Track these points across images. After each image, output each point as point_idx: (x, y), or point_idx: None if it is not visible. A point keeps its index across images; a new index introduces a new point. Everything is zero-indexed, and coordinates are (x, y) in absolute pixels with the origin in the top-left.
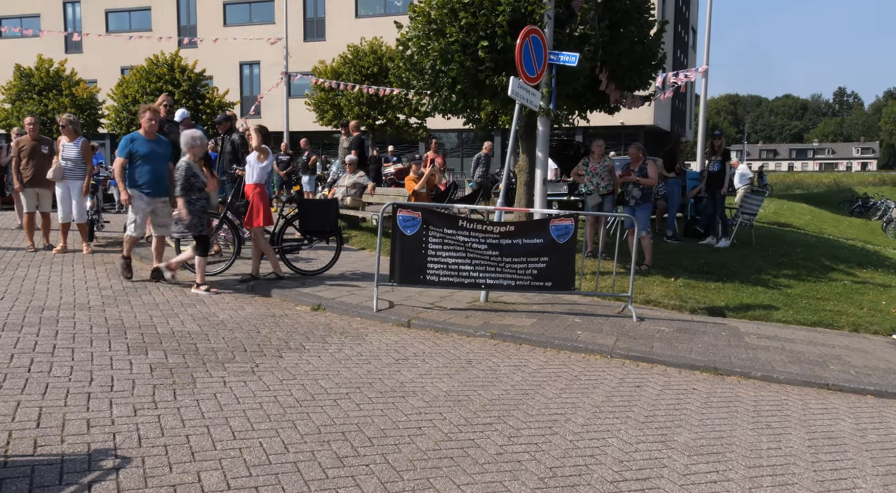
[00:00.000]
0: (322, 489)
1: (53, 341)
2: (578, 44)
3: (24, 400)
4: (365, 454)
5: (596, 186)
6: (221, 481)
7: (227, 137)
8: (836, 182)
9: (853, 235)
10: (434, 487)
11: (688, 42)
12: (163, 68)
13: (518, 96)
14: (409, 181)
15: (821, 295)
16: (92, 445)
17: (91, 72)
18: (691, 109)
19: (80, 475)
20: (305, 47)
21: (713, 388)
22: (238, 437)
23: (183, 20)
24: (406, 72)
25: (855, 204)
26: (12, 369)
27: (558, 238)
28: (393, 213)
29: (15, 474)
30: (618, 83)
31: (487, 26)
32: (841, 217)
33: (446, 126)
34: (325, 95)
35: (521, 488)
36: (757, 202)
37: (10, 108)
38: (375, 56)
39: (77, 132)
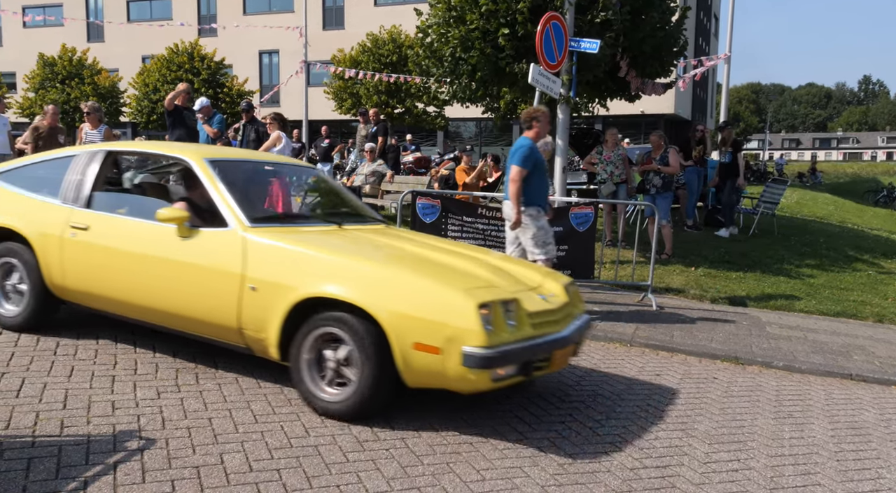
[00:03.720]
0: (342, 472)
1: (78, 325)
2: (600, 30)
3: (51, 382)
4: (385, 439)
5: (610, 175)
6: (244, 463)
7: (251, 125)
8: (858, 172)
9: (878, 226)
10: (454, 471)
11: (710, 29)
12: (183, 57)
13: (538, 84)
14: (460, 172)
15: (844, 285)
16: (117, 426)
17: (113, 61)
18: (713, 97)
19: (105, 456)
20: (324, 36)
21: (734, 377)
22: (259, 420)
23: (203, 9)
24: (426, 59)
25: (880, 194)
26: (38, 352)
27: (577, 226)
28: (412, 200)
29: (43, 453)
30: (639, 70)
31: (508, 13)
32: (865, 207)
33: (465, 115)
34: (343, 84)
35: (540, 473)
36: (779, 192)
37: (34, 96)
38: (395, 44)
39: (101, 120)
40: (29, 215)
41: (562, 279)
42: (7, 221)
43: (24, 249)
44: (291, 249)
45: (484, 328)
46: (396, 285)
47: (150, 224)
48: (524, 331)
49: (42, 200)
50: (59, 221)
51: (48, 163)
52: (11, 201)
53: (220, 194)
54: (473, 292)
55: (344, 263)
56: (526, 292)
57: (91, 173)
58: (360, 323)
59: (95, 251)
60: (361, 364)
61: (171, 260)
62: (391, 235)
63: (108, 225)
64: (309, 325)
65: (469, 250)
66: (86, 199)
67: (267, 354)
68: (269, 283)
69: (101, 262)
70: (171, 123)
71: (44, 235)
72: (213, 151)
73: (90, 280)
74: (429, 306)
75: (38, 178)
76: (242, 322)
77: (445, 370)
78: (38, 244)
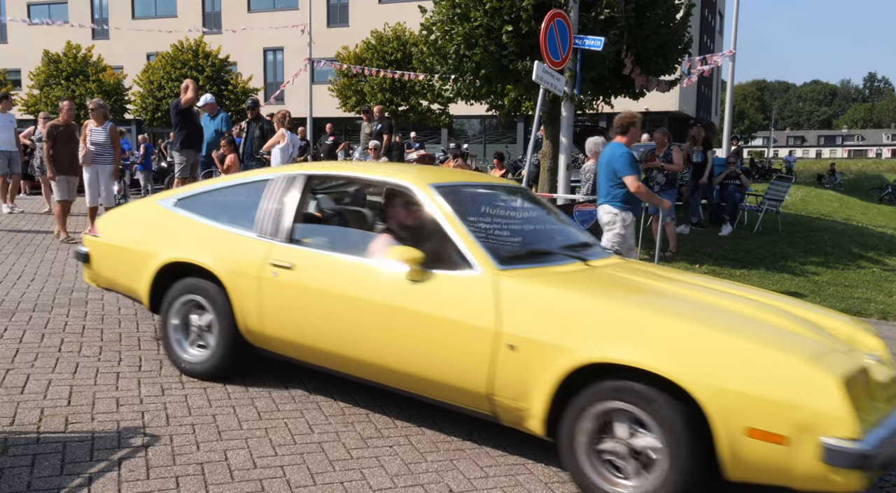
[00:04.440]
0: (346, 469)
1: (83, 322)
2: (604, 28)
3: (56, 379)
4: (389, 436)
5: None
6: (248, 459)
7: (255, 122)
8: (863, 170)
9: (882, 223)
10: (457, 468)
11: (714, 27)
12: (187, 54)
13: (542, 81)
14: None
15: (849, 283)
16: (121, 423)
17: (117, 58)
18: (717, 94)
19: (110, 452)
20: (329, 33)
21: None
22: (263, 417)
23: (208, 7)
24: (430, 57)
25: (885, 191)
26: (43, 349)
27: (581, 224)
28: None
29: (47, 450)
30: (643, 68)
31: (512, 10)
32: (870, 205)
33: (469, 112)
34: (348, 81)
35: (544, 470)
36: (783, 189)
37: (39, 93)
38: (399, 42)
39: (106, 116)
40: (219, 250)
41: (867, 328)
42: (194, 256)
43: (215, 288)
44: (559, 298)
45: (854, 413)
46: (716, 350)
47: (371, 264)
48: (883, 409)
49: (233, 233)
50: (256, 257)
51: (234, 188)
52: (196, 233)
53: (459, 231)
54: (825, 361)
55: (633, 318)
56: (859, 353)
57: (291, 201)
58: (668, 401)
59: (304, 295)
60: (670, 457)
61: (400, 308)
62: (647, 273)
63: (317, 264)
64: (587, 397)
65: (741, 291)
66: (287, 232)
67: (524, 426)
68: (534, 342)
69: (310, 307)
70: (180, 120)
71: (238, 274)
72: (436, 175)
73: (296, 328)
74: (768, 380)
75: (225, 205)
76: (495, 388)
77: (792, 466)
78: (232, 284)
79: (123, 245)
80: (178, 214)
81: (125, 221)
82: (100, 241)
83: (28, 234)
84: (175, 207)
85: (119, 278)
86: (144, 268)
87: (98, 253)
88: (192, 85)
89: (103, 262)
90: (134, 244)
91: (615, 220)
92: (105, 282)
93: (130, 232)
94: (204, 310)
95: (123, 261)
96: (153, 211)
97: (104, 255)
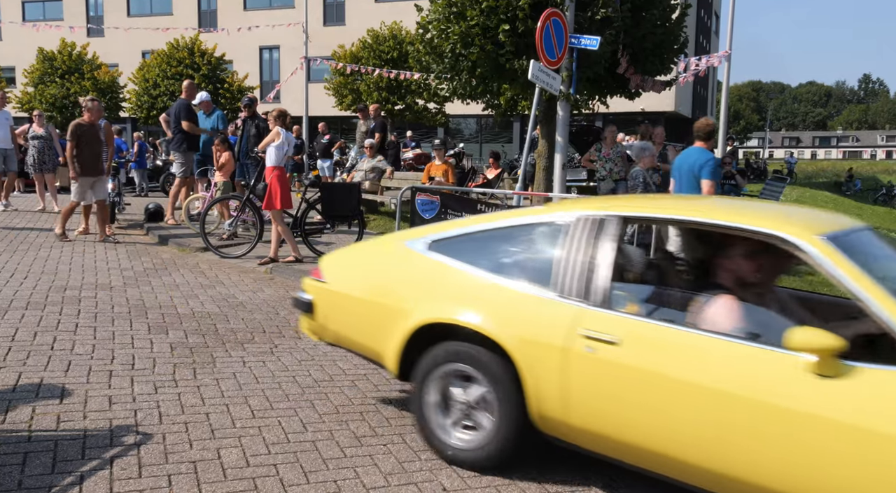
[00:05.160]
0: (340, 468)
1: (76, 320)
2: (600, 27)
3: (48, 377)
4: (382, 434)
5: (609, 172)
6: (241, 458)
7: (251, 120)
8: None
9: (877, 224)
10: (451, 467)
11: (710, 27)
12: (183, 52)
13: (538, 80)
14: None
15: None
16: (114, 421)
17: (113, 56)
18: (713, 95)
19: (102, 451)
20: (325, 32)
21: None
22: (257, 416)
23: (204, 5)
24: (426, 55)
25: (879, 192)
26: (35, 347)
27: None
28: (412, 197)
29: (39, 448)
30: (639, 67)
31: (508, 9)
32: (865, 205)
33: (465, 112)
34: (344, 80)
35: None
36: (778, 189)
37: (34, 91)
38: (395, 41)
39: (100, 115)
40: (500, 311)
41: None
42: (465, 316)
43: (493, 358)
44: None
45: None
46: None
47: (744, 346)
48: None
49: (519, 290)
50: (559, 325)
51: (510, 230)
52: (464, 286)
53: (890, 307)
54: None
55: None
56: None
57: (604, 252)
58: None
59: (639, 382)
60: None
61: (802, 414)
62: None
63: (659, 340)
64: None
65: None
66: (603, 293)
67: None
68: None
69: (650, 400)
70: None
71: (533, 345)
72: (824, 221)
73: (622, 423)
74: None
75: (498, 252)
76: None
77: None
78: (523, 356)
79: (362, 296)
80: (436, 259)
81: (362, 265)
82: (328, 288)
83: (22, 231)
84: (430, 251)
85: (355, 336)
86: (393, 327)
87: (326, 302)
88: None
89: (333, 314)
90: (378, 296)
91: None
92: (332, 337)
93: (371, 279)
94: (469, 380)
95: (362, 315)
96: (401, 254)
97: (335, 305)
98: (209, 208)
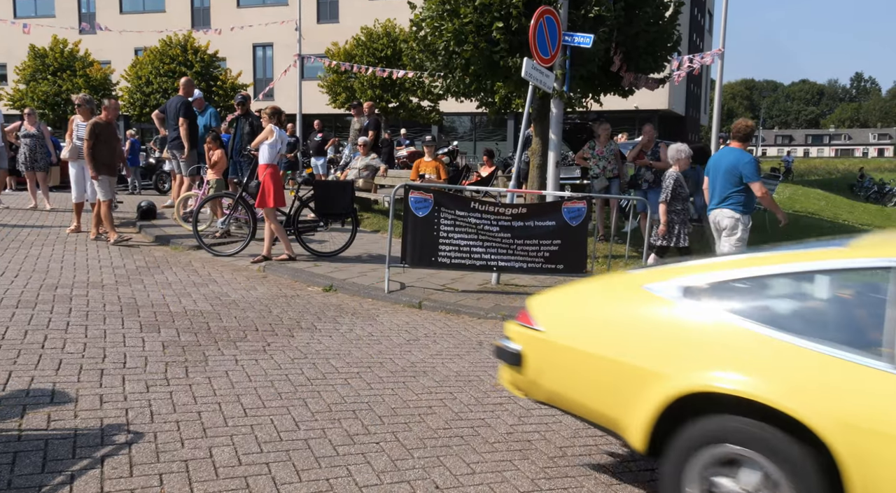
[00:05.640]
0: (332, 466)
1: (67, 319)
2: (593, 25)
3: (38, 376)
4: (375, 433)
5: (602, 170)
6: (233, 456)
7: (245, 118)
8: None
9: (868, 221)
10: (444, 465)
11: (704, 25)
12: (176, 50)
13: (531, 78)
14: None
15: None
16: (105, 420)
17: (105, 53)
18: (706, 93)
19: (93, 450)
20: (319, 29)
21: None
22: (249, 414)
23: (196, 2)
24: (419, 53)
25: (871, 190)
26: (26, 346)
27: (570, 221)
28: (405, 194)
29: (29, 447)
30: (632, 65)
31: (502, 7)
32: (856, 203)
33: (459, 109)
34: (338, 78)
35: (530, 467)
36: (771, 187)
37: (25, 88)
38: (389, 38)
39: (92, 112)
40: (805, 383)
41: None
42: (749, 387)
43: (791, 444)
44: None
45: None
46: None
47: None
48: None
49: (832, 356)
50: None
51: (804, 276)
52: (746, 347)
53: None
54: None
55: None
56: None
57: None
58: None
59: None
60: None
61: None
62: None
63: None
64: None
65: None
66: None
67: None
68: None
69: None
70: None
71: (864, 433)
72: None
73: None
74: None
75: (793, 303)
76: None
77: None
78: (848, 447)
79: (596, 351)
80: (700, 311)
81: (592, 312)
82: (546, 338)
83: (13, 229)
84: (687, 298)
85: (582, 398)
86: (642, 393)
87: (542, 356)
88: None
89: (551, 370)
90: (619, 353)
91: (737, 225)
92: (546, 396)
93: (608, 331)
94: (737, 465)
95: (595, 375)
96: (645, 302)
97: (554, 360)
98: (201, 206)
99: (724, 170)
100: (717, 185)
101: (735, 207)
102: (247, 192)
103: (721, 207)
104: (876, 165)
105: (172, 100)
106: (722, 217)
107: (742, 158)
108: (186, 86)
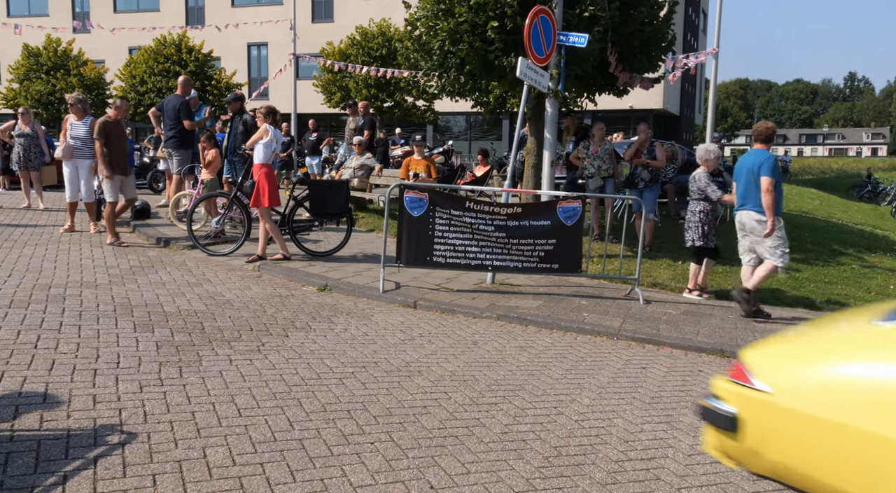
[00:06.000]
0: (327, 466)
1: (60, 319)
2: (588, 25)
3: (31, 376)
4: (370, 432)
5: (597, 170)
6: (227, 457)
7: (238, 117)
8: (843, 167)
9: (862, 220)
10: (439, 465)
11: (698, 25)
12: (170, 49)
13: (526, 77)
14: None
15: (829, 279)
16: (98, 420)
17: (99, 52)
18: (701, 92)
19: (86, 450)
20: (313, 29)
21: (719, 370)
22: (244, 414)
23: (191, 1)
24: (414, 52)
25: (864, 189)
26: (19, 346)
27: (565, 220)
28: (400, 194)
29: (21, 448)
30: (627, 65)
31: (497, 6)
32: (850, 202)
33: (454, 109)
34: (332, 77)
35: (525, 466)
36: None
37: (18, 87)
38: (384, 38)
39: (86, 111)
40: None
41: None
42: None
43: None
44: None
45: None
46: None
47: None
48: None
49: None
50: None
51: None
52: None
53: None
54: None
55: None
56: None
57: None
58: None
59: None
60: None
61: None
62: None
63: None
64: None
65: None
66: None
67: None
68: None
69: None
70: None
71: None
72: None
73: None
74: None
75: None
76: None
77: None
78: None
79: (848, 421)
80: None
81: (836, 370)
82: (772, 400)
83: (7, 228)
84: None
85: (826, 477)
86: None
87: (767, 422)
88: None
89: (781, 439)
90: (884, 425)
91: (763, 226)
92: (771, 469)
93: (860, 395)
94: None
95: (846, 450)
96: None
97: (786, 428)
98: (196, 206)
99: (747, 171)
100: (742, 186)
101: (759, 208)
102: (241, 191)
103: (746, 208)
104: (869, 164)
105: (170, 99)
106: (748, 219)
107: (761, 157)
108: (185, 85)
